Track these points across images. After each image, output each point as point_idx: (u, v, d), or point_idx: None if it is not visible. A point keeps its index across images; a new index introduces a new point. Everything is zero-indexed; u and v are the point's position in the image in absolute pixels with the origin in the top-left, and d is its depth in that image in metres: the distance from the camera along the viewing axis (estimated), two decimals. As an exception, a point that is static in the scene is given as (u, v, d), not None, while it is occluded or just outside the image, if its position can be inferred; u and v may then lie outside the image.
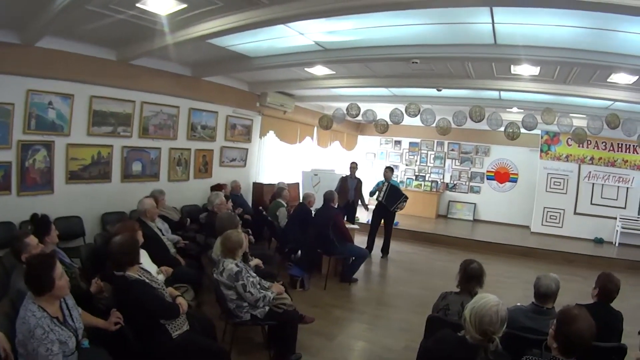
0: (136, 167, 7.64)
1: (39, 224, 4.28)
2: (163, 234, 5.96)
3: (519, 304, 3.67)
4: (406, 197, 9.62)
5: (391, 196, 9.51)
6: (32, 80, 5.88)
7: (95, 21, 5.28)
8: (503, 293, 6.55)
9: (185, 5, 4.85)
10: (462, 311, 3.44)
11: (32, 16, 5.02)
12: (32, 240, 3.73)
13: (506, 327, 2.62)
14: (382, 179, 9.79)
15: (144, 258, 4.33)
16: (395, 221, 11.05)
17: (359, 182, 10.08)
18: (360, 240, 9.11)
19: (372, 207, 10.08)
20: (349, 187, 9.93)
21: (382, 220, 9.75)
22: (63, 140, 6.40)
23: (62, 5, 4.42)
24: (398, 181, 14.31)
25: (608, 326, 3.36)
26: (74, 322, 2.96)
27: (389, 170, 9.92)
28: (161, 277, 4.44)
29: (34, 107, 5.96)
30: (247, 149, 10.60)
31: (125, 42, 6.46)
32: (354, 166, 10.22)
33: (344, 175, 10.27)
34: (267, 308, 4.36)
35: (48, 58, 5.97)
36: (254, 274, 4.54)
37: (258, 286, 4.38)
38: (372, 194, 9.75)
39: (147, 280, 3.64)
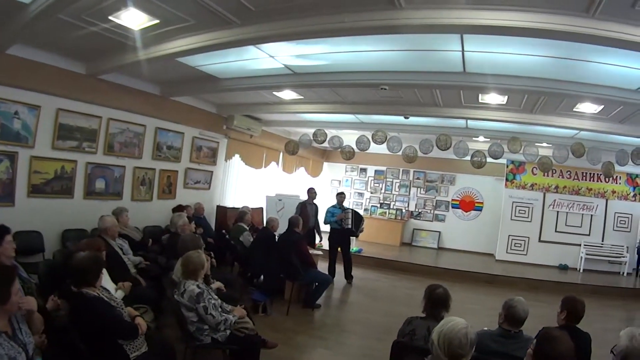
0: (99, 184, 7.49)
1: None
2: (124, 253, 5.84)
3: (485, 328, 3.62)
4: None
5: (357, 221, 9.58)
6: (-1, 87, 5.79)
7: (67, 32, 5.25)
8: (468, 319, 6.53)
9: (157, 21, 4.90)
10: (428, 336, 3.41)
11: (4, 22, 4.95)
12: None
13: (474, 351, 2.59)
14: (334, 204, 9.83)
15: (103, 276, 4.22)
16: (358, 248, 11.07)
17: (317, 208, 10.04)
18: (323, 267, 9.09)
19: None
20: (309, 213, 9.76)
21: (339, 247, 9.71)
22: (27, 152, 6.28)
23: (35, 13, 4.42)
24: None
25: (579, 348, 3.38)
26: (23, 336, 2.83)
27: (342, 195, 10.03)
28: (119, 294, 4.37)
29: (-1, 116, 5.84)
30: (212, 172, 10.53)
31: (96, 56, 6.44)
32: (312, 191, 10.13)
33: (303, 201, 10.12)
34: (228, 332, 4.27)
35: (17, 66, 5.89)
36: (216, 297, 4.47)
37: (219, 309, 4.32)
38: (332, 222, 9.69)
39: (105, 299, 3.55)
